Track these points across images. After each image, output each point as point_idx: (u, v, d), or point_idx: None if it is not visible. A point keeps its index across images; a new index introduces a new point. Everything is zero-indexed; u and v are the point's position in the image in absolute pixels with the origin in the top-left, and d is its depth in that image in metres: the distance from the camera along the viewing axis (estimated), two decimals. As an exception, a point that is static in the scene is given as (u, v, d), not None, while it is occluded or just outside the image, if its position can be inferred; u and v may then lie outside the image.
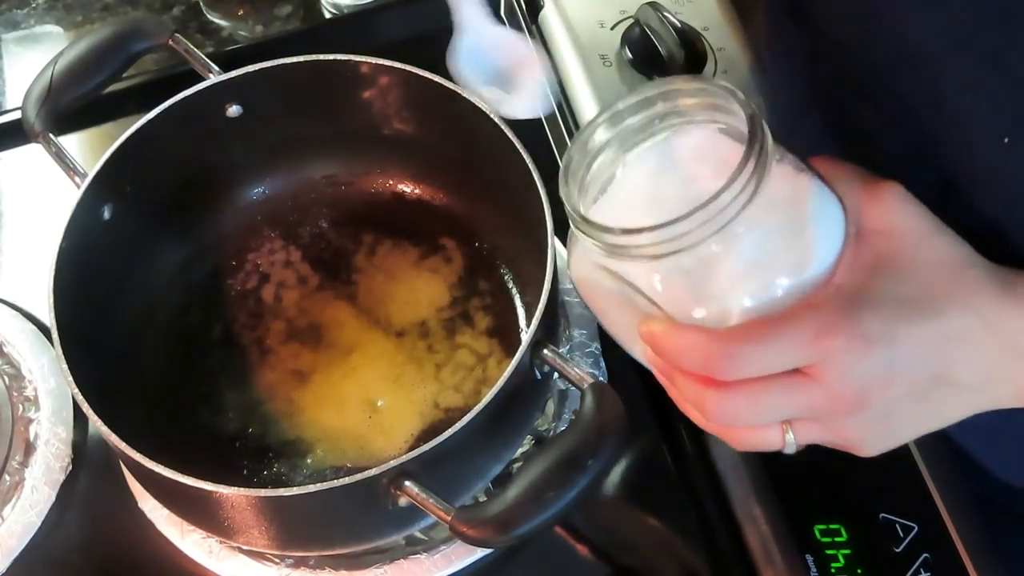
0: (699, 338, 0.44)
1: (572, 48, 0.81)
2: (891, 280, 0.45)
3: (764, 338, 0.43)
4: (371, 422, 0.67)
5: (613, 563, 0.67)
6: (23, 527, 0.66)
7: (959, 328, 0.45)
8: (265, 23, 0.89)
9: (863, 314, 0.43)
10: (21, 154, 0.82)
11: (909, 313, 0.44)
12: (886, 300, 0.44)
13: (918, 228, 0.46)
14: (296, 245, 0.74)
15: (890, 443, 0.48)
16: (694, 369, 0.45)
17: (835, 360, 0.43)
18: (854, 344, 0.43)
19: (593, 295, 0.49)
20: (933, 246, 0.46)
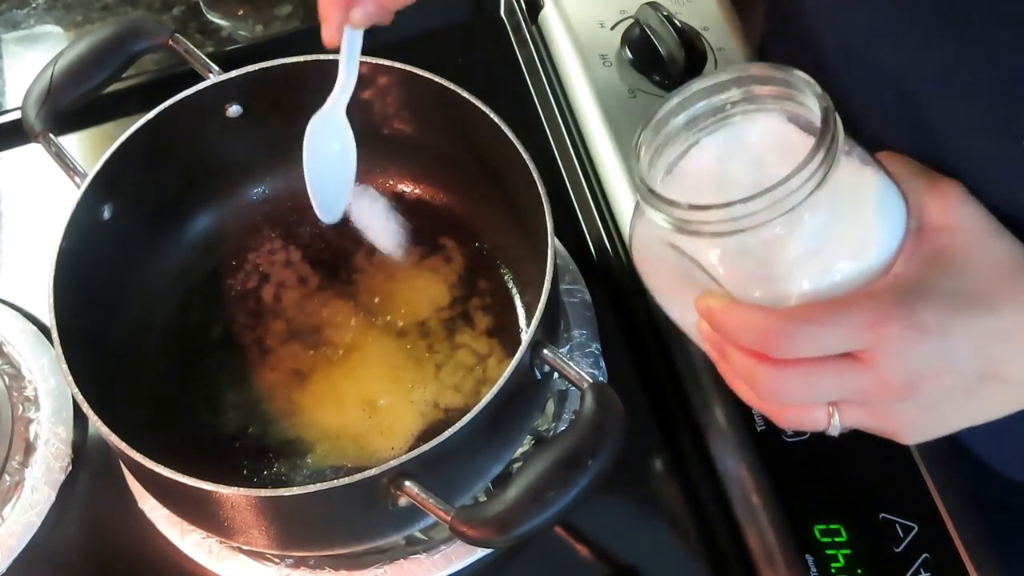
0: (758, 315, 0.45)
1: (572, 48, 0.81)
2: (949, 275, 0.46)
3: (821, 320, 0.44)
4: (371, 422, 0.67)
5: (613, 563, 0.67)
6: (23, 527, 0.66)
7: (1013, 326, 0.45)
8: (265, 23, 0.89)
9: (919, 304, 0.44)
10: (21, 154, 0.82)
11: (964, 307, 0.45)
12: (942, 293, 0.45)
13: (978, 226, 0.47)
14: (296, 245, 0.74)
15: (933, 433, 0.48)
16: (750, 345, 0.46)
17: (888, 347, 0.44)
18: (909, 333, 0.44)
19: (651, 270, 0.50)
20: (991, 245, 0.47)
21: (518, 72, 0.87)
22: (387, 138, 0.73)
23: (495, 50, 0.88)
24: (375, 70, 0.68)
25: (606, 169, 0.77)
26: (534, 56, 0.86)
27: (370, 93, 0.70)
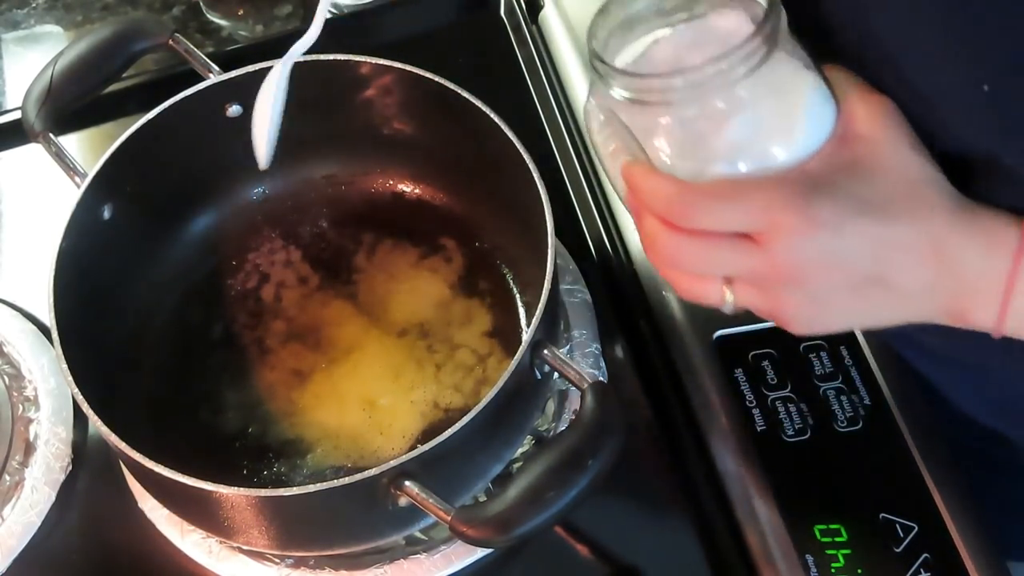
0: (668, 184, 0.48)
1: (572, 48, 0.81)
2: (856, 180, 0.48)
3: (724, 196, 0.47)
4: (371, 422, 0.67)
5: (613, 563, 0.67)
6: (23, 527, 0.66)
7: (905, 237, 0.47)
8: (265, 23, 0.89)
9: (820, 199, 0.47)
10: (21, 154, 0.82)
11: (863, 211, 0.47)
12: (845, 195, 0.47)
13: (896, 140, 0.49)
14: (296, 245, 0.74)
15: (819, 327, 0.51)
16: (657, 211, 0.49)
17: (782, 233, 0.47)
18: (803, 224, 0.46)
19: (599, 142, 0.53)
20: (904, 160, 0.48)
21: (518, 72, 0.87)
22: (387, 138, 0.73)
23: (495, 50, 0.88)
24: (375, 70, 0.68)
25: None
26: (534, 56, 0.86)
27: (370, 93, 0.70)
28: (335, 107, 0.71)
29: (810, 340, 0.69)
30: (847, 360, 0.68)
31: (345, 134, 0.73)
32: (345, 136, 0.73)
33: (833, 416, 0.66)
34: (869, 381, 0.67)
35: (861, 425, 0.65)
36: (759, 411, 0.66)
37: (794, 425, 0.66)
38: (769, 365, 0.68)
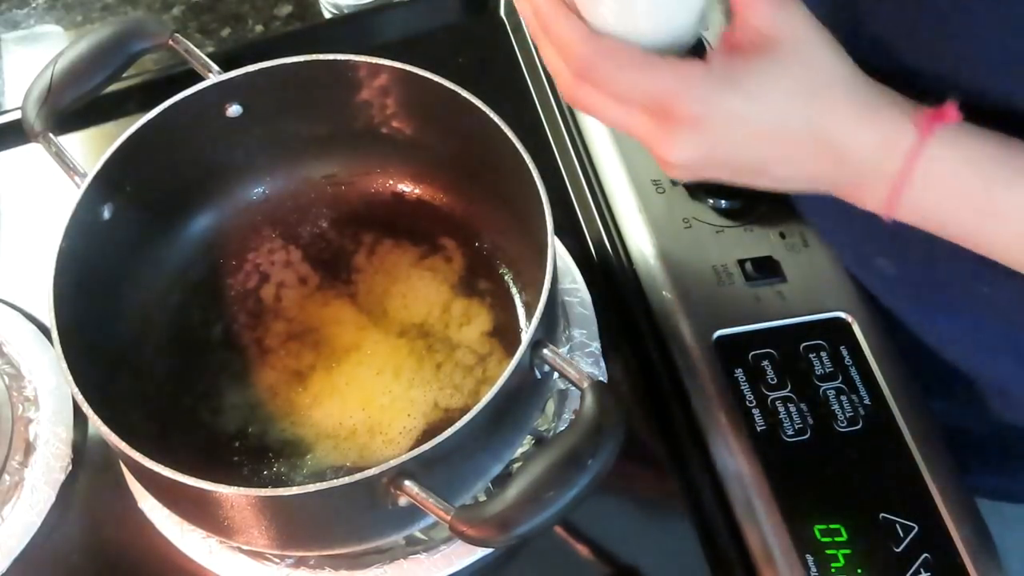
0: (574, 34, 0.50)
1: (572, 48, 0.81)
2: (756, 77, 0.49)
3: (622, 67, 0.49)
4: (371, 422, 0.67)
5: (613, 563, 0.67)
6: (23, 527, 0.66)
7: (795, 137, 0.50)
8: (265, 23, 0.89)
9: (715, 97, 0.48)
10: (21, 154, 0.82)
11: (756, 110, 0.49)
12: (743, 93, 0.49)
13: (801, 36, 0.49)
14: (296, 245, 0.74)
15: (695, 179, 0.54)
16: (560, 56, 0.51)
17: (671, 124, 0.49)
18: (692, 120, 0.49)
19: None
20: (809, 57, 0.49)
21: (518, 72, 0.87)
22: (387, 138, 0.73)
23: (495, 50, 0.88)
24: (375, 70, 0.68)
25: (606, 169, 0.77)
26: (534, 56, 0.86)
27: (370, 93, 0.70)
28: (335, 107, 0.71)
29: (810, 340, 0.69)
30: (847, 360, 0.68)
31: (345, 134, 0.73)
32: (345, 136, 0.73)
33: (833, 416, 0.66)
34: (869, 381, 0.67)
35: (861, 425, 0.65)
36: (759, 411, 0.66)
37: (794, 425, 0.66)
38: (769, 365, 0.68)
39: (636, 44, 0.50)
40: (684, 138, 0.49)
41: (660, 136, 0.50)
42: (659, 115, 0.50)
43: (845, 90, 0.50)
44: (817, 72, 0.49)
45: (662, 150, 0.51)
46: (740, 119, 0.49)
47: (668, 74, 0.49)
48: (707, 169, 0.52)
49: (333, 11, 0.89)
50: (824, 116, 0.49)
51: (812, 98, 0.49)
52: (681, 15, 0.51)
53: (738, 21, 0.50)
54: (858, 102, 0.50)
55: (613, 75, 0.49)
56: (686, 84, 0.48)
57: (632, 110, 0.50)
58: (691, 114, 0.49)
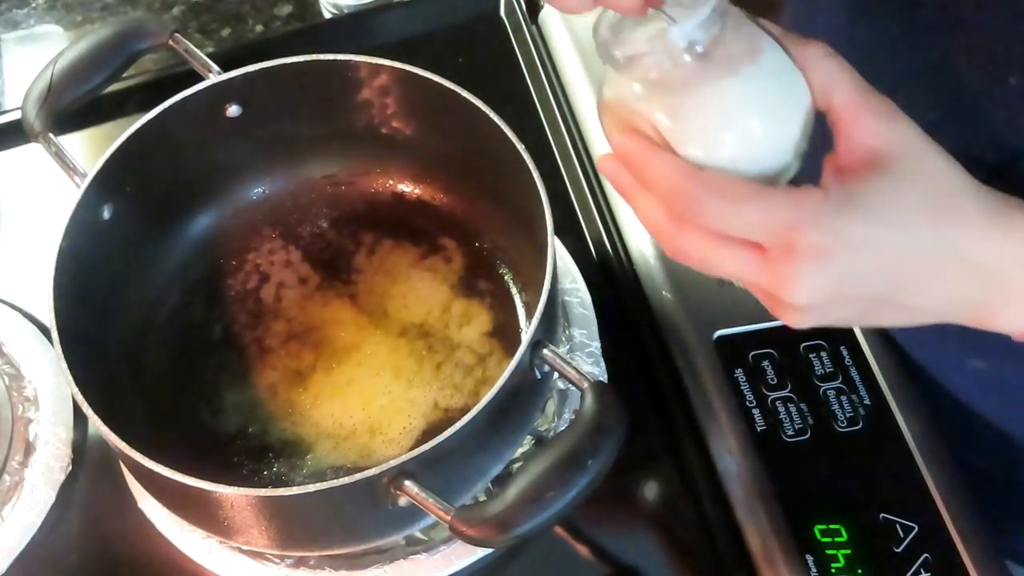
0: (676, 171, 0.45)
1: (572, 48, 0.81)
2: (878, 197, 0.45)
3: (734, 201, 0.44)
4: (371, 422, 0.67)
5: (613, 563, 0.67)
6: (23, 527, 0.66)
7: (928, 257, 0.45)
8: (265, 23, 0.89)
9: (838, 222, 0.44)
10: (21, 154, 0.82)
11: (883, 234, 0.45)
12: (867, 216, 0.45)
13: (913, 147, 0.46)
14: (296, 245, 0.74)
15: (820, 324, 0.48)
16: (660, 198, 0.46)
17: (792, 258, 0.44)
18: (815, 251, 0.44)
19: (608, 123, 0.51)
20: (925, 168, 0.46)
21: (518, 72, 0.87)
22: (387, 138, 0.73)
23: (495, 50, 0.88)
24: (375, 70, 0.68)
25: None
26: (534, 56, 0.86)
27: (370, 93, 0.70)
28: (335, 107, 0.71)
29: (810, 340, 0.69)
30: (847, 360, 0.68)
31: (345, 134, 0.73)
32: (345, 136, 0.73)
33: (833, 416, 0.66)
34: (869, 381, 0.67)
35: (861, 425, 0.65)
36: (759, 411, 0.66)
37: (794, 425, 0.66)
38: (769, 365, 0.68)
39: (741, 175, 0.46)
40: (809, 273, 0.44)
41: (782, 276, 0.45)
42: (779, 252, 0.44)
43: (972, 200, 0.46)
44: (938, 184, 0.46)
45: (785, 291, 0.45)
46: (867, 244, 0.44)
47: (785, 204, 0.44)
48: (834, 308, 0.46)
49: (333, 11, 0.89)
50: (956, 229, 0.45)
51: (940, 211, 0.45)
52: (787, 137, 0.47)
53: (843, 142, 0.47)
54: (987, 210, 0.46)
55: (724, 212, 0.44)
56: (805, 212, 0.44)
57: (746, 252, 0.45)
58: (815, 244, 0.44)
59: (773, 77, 0.47)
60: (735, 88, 0.46)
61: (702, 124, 0.46)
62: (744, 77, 0.46)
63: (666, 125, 0.47)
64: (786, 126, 0.47)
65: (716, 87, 0.46)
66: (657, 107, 0.47)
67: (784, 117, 0.47)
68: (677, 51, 0.46)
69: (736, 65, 0.46)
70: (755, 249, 0.45)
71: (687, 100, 0.46)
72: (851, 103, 0.47)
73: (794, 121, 0.47)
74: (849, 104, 0.47)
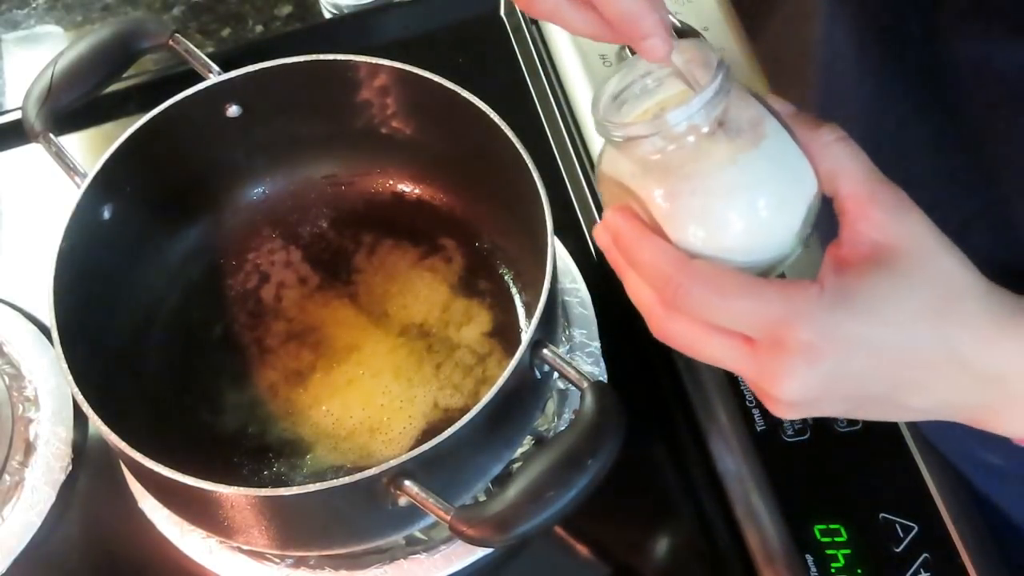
0: (666, 258, 0.44)
1: (572, 48, 0.81)
2: (878, 296, 0.43)
3: (723, 293, 0.43)
4: (371, 422, 0.67)
5: (613, 563, 0.67)
6: (23, 527, 0.66)
7: (927, 359, 0.43)
8: (265, 23, 0.89)
9: (831, 320, 0.42)
10: (21, 154, 0.82)
11: (880, 334, 0.43)
12: (864, 315, 0.43)
13: (921, 244, 0.44)
14: (296, 245, 0.74)
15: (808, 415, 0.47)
16: (648, 281, 0.45)
17: (782, 354, 0.43)
18: (806, 349, 0.42)
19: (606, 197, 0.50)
20: (932, 269, 0.44)
21: (518, 72, 0.87)
22: (387, 138, 0.73)
23: (495, 50, 0.88)
24: (375, 70, 0.68)
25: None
26: (534, 56, 0.86)
27: (370, 93, 0.70)
28: (335, 107, 0.71)
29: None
30: (847, 360, 0.68)
31: (345, 134, 0.73)
32: (345, 136, 0.73)
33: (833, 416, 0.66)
34: (869, 381, 0.67)
35: (861, 425, 0.65)
36: (759, 411, 0.66)
37: (794, 425, 0.65)
38: (769, 365, 0.68)
39: (733, 265, 0.44)
40: (798, 371, 0.42)
41: (769, 371, 0.43)
42: (768, 346, 0.43)
43: (980, 304, 0.44)
44: (945, 285, 0.43)
45: (772, 386, 0.43)
46: (863, 344, 0.42)
47: (776, 298, 0.42)
48: (825, 403, 0.44)
49: (333, 11, 0.89)
50: (959, 332, 0.43)
51: (944, 314, 0.43)
52: (786, 226, 0.45)
53: (847, 233, 0.45)
54: (995, 314, 0.44)
55: (713, 303, 0.43)
56: (797, 308, 0.42)
57: (734, 343, 0.44)
58: (805, 342, 0.42)
59: (774, 164, 0.45)
60: (733, 175, 0.44)
61: (697, 211, 0.44)
62: (743, 163, 0.44)
63: (661, 208, 0.45)
64: (785, 215, 0.45)
65: (714, 173, 0.44)
66: (653, 189, 0.45)
67: (784, 206, 0.45)
68: (677, 134, 0.44)
69: (736, 149, 0.44)
70: (744, 340, 0.44)
71: (684, 184, 0.45)
72: (859, 193, 0.44)
73: (794, 210, 0.45)
74: (857, 194, 0.45)
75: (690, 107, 0.44)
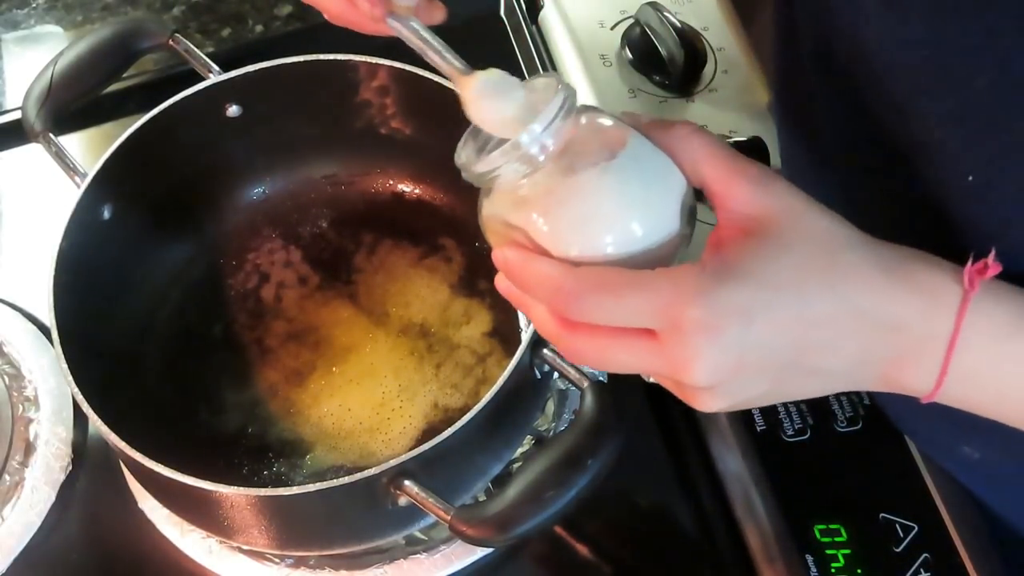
0: (553, 271, 0.44)
1: (572, 48, 0.81)
2: (758, 261, 0.43)
3: (613, 290, 0.43)
4: (371, 422, 0.67)
5: (613, 563, 0.67)
6: (23, 527, 0.66)
7: (824, 314, 0.43)
8: (265, 23, 0.89)
9: (719, 292, 0.42)
10: (21, 154, 0.82)
11: (771, 297, 0.43)
12: (749, 281, 0.43)
13: (790, 208, 0.45)
14: (296, 245, 0.74)
15: (735, 407, 0.46)
16: (544, 302, 0.45)
17: (683, 335, 0.42)
18: (705, 325, 0.42)
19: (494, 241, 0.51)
20: (805, 228, 0.44)
21: (518, 72, 0.86)
22: (387, 138, 0.73)
23: (495, 50, 0.88)
24: (375, 70, 0.69)
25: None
26: (534, 56, 0.86)
27: (370, 93, 0.70)
28: (335, 107, 0.71)
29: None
30: (847, 360, 0.68)
31: (345, 134, 0.73)
32: (345, 136, 0.73)
33: (833, 416, 0.66)
34: (869, 381, 0.67)
35: (861, 425, 0.65)
36: (759, 411, 0.66)
37: (794, 425, 0.66)
38: (769, 365, 0.68)
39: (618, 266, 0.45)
40: (701, 350, 0.42)
41: (675, 358, 0.43)
42: (667, 335, 0.43)
43: (862, 254, 0.44)
44: (822, 241, 0.44)
45: (682, 373, 0.43)
46: (754, 311, 0.42)
47: (663, 283, 0.42)
48: (740, 383, 0.44)
49: (333, 11, 0.89)
50: (848, 284, 0.43)
51: (828, 269, 0.43)
52: (659, 221, 0.46)
53: (720, 215, 0.45)
54: (882, 263, 0.44)
55: (605, 303, 0.43)
56: (683, 289, 0.42)
57: (640, 342, 0.43)
58: (699, 319, 0.42)
59: (634, 165, 0.46)
60: (596, 182, 0.45)
61: (571, 223, 0.45)
62: (603, 170, 0.45)
63: (541, 232, 0.46)
64: (656, 212, 0.46)
65: (577, 185, 0.45)
66: (529, 216, 0.46)
67: (652, 203, 0.46)
68: (531, 156, 0.45)
69: (595, 160, 0.45)
70: (648, 336, 0.43)
71: (552, 203, 0.45)
72: (722, 174, 0.45)
73: (664, 206, 0.46)
74: (720, 176, 0.45)
75: (533, 129, 0.45)
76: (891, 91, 0.48)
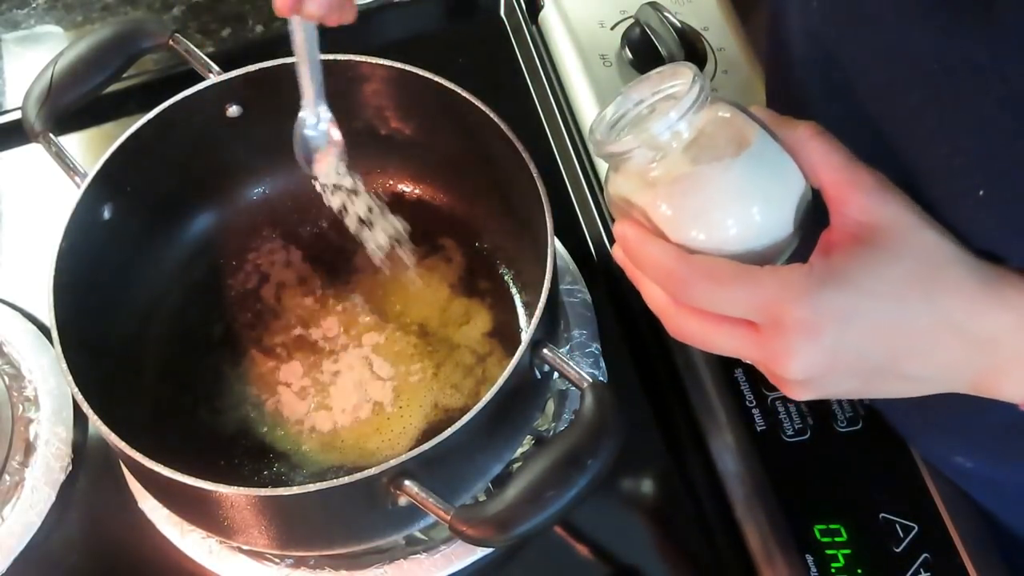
0: (666, 256, 0.47)
1: (572, 48, 0.81)
2: (864, 270, 0.45)
3: (721, 281, 0.46)
4: (371, 422, 0.67)
5: (613, 563, 0.67)
6: (23, 527, 0.66)
7: (921, 325, 0.45)
8: (265, 23, 0.89)
9: (822, 295, 0.45)
10: (21, 154, 0.82)
11: (871, 305, 0.45)
12: (851, 288, 0.45)
13: (902, 221, 0.46)
14: (296, 245, 0.74)
15: (821, 396, 0.49)
16: (655, 281, 0.48)
17: (784, 332, 0.45)
18: (806, 325, 0.44)
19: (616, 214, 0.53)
20: (915, 241, 0.46)
21: (518, 72, 0.87)
22: (387, 138, 0.73)
23: (495, 50, 0.88)
24: (375, 70, 0.68)
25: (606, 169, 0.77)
26: (534, 56, 0.86)
27: (370, 93, 0.70)
28: (335, 107, 0.71)
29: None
30: (847, 360, 0.68)
31: (345, 134, 0.73)
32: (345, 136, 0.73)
33: (833, 416, 0.66)
34: (869, 381, 0.67)
35: (861, 425, 0.65)
36: (759, 411, 0.66)
37: (794, 425, 0.66)
38: (769, 365, 0.68)
39: (732, 258, 0.47)
40: (799, 348, 0.45)
41: (774, 352, 0.45)
42: (769, 328, 0.45)
43: (964, 270, 0.46)
44: (928, 255, 0.46)
45: (778, 366, 0.46)
46: (855, 316, 0.45)
47: (769, 281, 0.45)
48: (832, 380, 0.47)
49: (333, 11, 0.89)
50: (948, 298, 0.45)
51: (930, 282, 0.45)
52: (777, 219, 0.48)
53: (834, 218, 0.47)
54: (982, 280, 0.46)
55: (713, 293, 0.46)
56: (789, 288, 0.45)
57: (742, 331, 0.46)
58: (801, 319, 0.44)
59: (760, 164, 0.47)
60: (721, 176, 0.47)
61: (695, 213, 0.47)
62: (728, 164, 0.47)
63: (662, 216, 0.48)
64: (776, 209, 0.48)
65: (703, 177, 0.47)
66: (653, 199, 0.48)
67: (773, 201, 0.47)
68: (663, 143, 0.47)
69: (721, 154, 0.47)
70: (749, 327, 0.46)
71: (679, 191, 0.47)
72: (840, 180, 0.47)
73: (784, 204, 0.48)
74: (838, 181, 0.47)
75: (669, 117, 0.47)
76: (896, 105, 0.49)
